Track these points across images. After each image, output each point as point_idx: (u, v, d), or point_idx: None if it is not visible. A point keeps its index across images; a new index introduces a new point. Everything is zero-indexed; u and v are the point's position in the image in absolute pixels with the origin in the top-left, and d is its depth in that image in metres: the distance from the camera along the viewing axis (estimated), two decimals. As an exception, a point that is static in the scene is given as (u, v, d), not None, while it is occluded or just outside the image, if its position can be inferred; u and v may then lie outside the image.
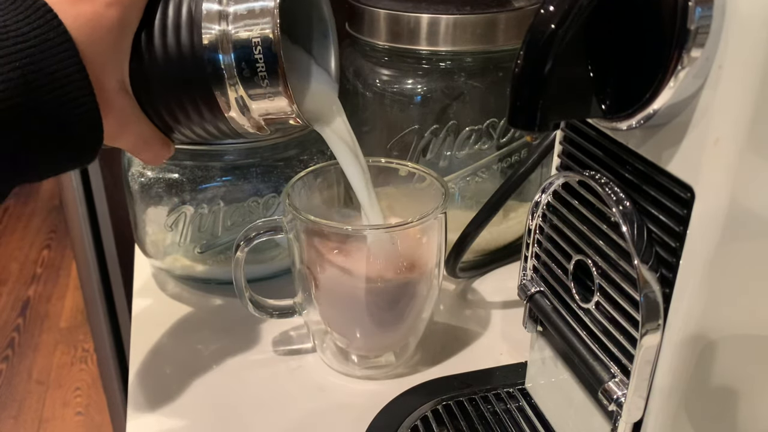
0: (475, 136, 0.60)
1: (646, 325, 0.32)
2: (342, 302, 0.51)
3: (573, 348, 0.39)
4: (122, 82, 0.39)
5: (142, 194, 0.60)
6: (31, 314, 2.00)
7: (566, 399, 0.43)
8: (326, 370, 0.54)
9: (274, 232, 0.50)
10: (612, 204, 0.33)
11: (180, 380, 0.53)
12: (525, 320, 0.45)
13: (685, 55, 0.28)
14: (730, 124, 0.28)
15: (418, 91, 0.60)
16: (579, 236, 0.38)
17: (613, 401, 0.36)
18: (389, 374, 0.53)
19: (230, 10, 0.40)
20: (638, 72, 0.30)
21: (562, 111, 0.32)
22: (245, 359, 0.55)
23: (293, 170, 0.58)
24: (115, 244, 1.06)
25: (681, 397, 0.34)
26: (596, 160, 0.37)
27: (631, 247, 0.32)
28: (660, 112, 0.30)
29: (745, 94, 0.27)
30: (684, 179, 0.30)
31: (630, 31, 0.30)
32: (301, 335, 0.57)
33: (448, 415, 0.47)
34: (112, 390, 1.20)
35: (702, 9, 0.27)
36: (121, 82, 0.39)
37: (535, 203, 0.42)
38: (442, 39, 0.57)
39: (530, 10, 0.58)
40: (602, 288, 0.36)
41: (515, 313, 0.60)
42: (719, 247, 0.30)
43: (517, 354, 0.55)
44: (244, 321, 0.58)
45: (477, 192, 0.62)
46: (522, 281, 0.45)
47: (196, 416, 0.49)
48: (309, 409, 0.50)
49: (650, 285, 0.32)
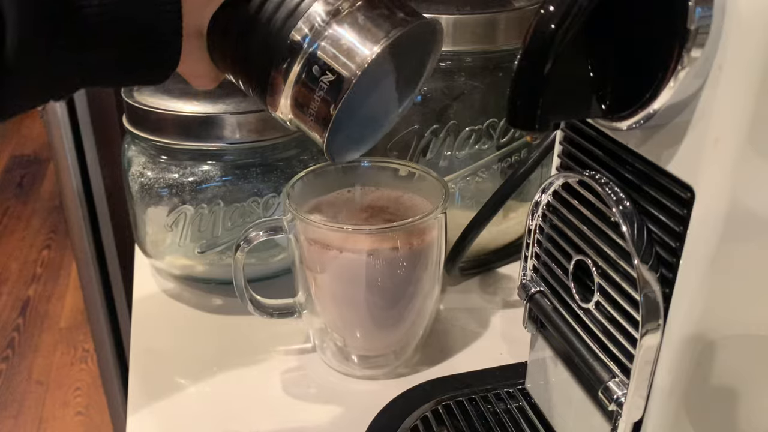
0: (475, 136, 0.60)
1: (646, 325, 0.32)
2: (342, 302, 0.51)
3: (573, 348, 0.39)
4: (200, 26, 0.41)
5: (142, 194, 0.60)
6: (31, 314, 2.00)
7: (566, 399, 0.43)
8: (326, 370, 0.54)
9: (274, 232, 0.50)
10: (612, 204, 0.33)
11: (180, 380, 0.53)
12: (525, 320, 0.45)
13: (685, 55, 0.28)
14: (730, 124, 0.28)
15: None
16: (579, 236, 0.38)
17: (613, 401, 0.36)
18: (389, 374, 0.53)
19: (329, 31, 0.39)
20: (638, 72, 0.30)
21: (563, 111, 0.32)
22: (245, 359, 0.55)
23: (293, 170, 0.58)
24: (115, 244, 1.06)
25: (681, 397, 0.34)
26: (596, 160, 0.37)
27: (631, 247, 0.32)
28: (660, 112, 0.30)
29: (745, 94, 0.27)
30: (684, 179, 0.30)
31: (630, 31, 0.30)
32: (301, 335, 0.57)
33: (448, 415, 0.47)
34: (112, 390, 1.20)
35: (702, 9, 0.27)
36: (200, 25, 0.40)
37: (535, 203, 0.42)
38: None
39: (530, 10, 0.58)
40: (602, 288, 0.36)
41: (515, 313, 0.60)
42: (719, 246, 0.30)
43: (517, 354, 0.54)
44: (244, 321, 0.58)
45: (477, 192, 0.62)
46: (522, 281, 0.45)
47: (195, 416, 0.49)
48: (309, 409, 0.50)
49: (650, 285, 0.32)
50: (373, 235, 0.48)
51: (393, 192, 0.54)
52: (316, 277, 0.50)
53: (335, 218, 0.52)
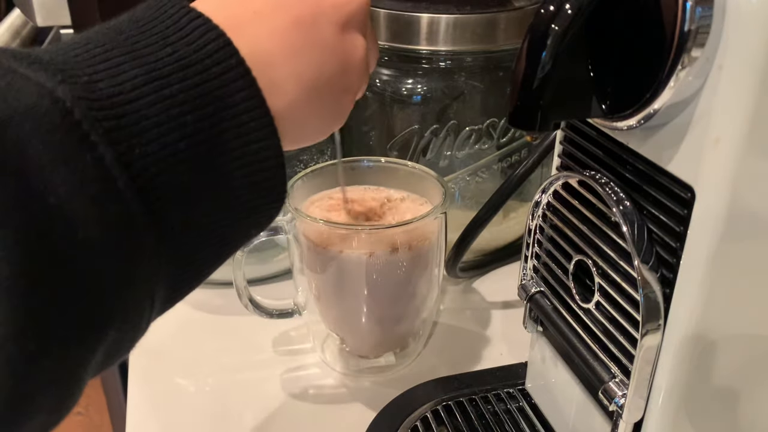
0: (475, 136, 0.60)
1: (647, 326, 0.32)
2: (342, 302, 0.51)
3: (573, 348, 0.39)
4: None
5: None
6: (31, 314, 2.00)
7: (566, 399, 0.43)
8: (326, 370, 0.54)
9: (274, 232, 0.50)
10: (612, 204, 0.33)
11: (180, 380, 0.53)
12: (525, 320, 0.45)
13: (685, 55, 0.28)
14: (730, 124, 0.28)
15: (418, 90, 0.60)
16: (579, 236, 0.38)
17: (614, 401, 0.36)
18: (389, 374, 0.53)
19: None
20: (638, 72, 0.30)
21: (563, 111, 0.32)
22: (245, 359, 0.55)
23: (293, 170, 0.58)
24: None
25: (681, 397, 0.34)
26: (596, 160, 0.37)
27: (632, 247, 0.32)
28: (660, 112, 0.30)
29: (745, 94, 0.27)
30: (684, 179, 0.30)
31: (630, 30, 0.30)
32: (301, 335, 0.57)
33: (448, 415, 0.47)
34: (112, 390, 1.20)
35: (702, 9, 0.27)
36: None
37: (536, 203, 0.42)
38: (442, 39, 0.57)
39: (530, 10, 0.58)
40: (602, 288, 0.36)
41: (515, 313, 0.60)
42: (719, 246, 0.30)
43: (517, 354, 0.54)
44: (244, 321, 0.58)
45: (477, 192, 0.62)
46: (522, 281, 0.45)
47: (195, 416, 0.49)
48: (309, 410, 0.50)
49: (650, 285, 0.32)
50: (373, 235, 0.48)
51: (393, 192, 0.54)
52: (316, 277, 0.50)
53: (335, 218, 0.51)
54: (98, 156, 0.22)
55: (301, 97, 0.30)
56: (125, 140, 0.23)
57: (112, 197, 0.22)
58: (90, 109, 0.22)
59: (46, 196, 0.21)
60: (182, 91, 0.25)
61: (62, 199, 0.21)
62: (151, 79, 0.24)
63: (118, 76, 0.24)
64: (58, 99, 0.22)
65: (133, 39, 0.25)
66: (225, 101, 0.25)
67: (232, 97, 0.26)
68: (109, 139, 0.22)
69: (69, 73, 0.23)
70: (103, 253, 0.22)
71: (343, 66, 0.32)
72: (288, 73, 0.29)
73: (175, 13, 0.26)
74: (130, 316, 0.24)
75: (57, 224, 0.21)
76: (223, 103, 0.25)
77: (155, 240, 0.24)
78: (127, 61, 0.24)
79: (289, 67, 0.29)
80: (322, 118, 0.33)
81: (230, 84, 0.26)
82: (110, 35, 0.25)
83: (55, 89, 0.22)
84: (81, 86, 0.23)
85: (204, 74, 0.25)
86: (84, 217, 0.21)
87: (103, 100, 0.23)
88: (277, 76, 0.28)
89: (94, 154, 0.22)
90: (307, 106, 0.30)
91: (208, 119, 0.25)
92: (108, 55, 0.24)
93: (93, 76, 0.23)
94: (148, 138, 0.23)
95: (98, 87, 0.23)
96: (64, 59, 0.23)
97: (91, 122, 0.22)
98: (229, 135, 0.26)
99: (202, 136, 0.25)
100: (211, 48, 0.26)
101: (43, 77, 0.22)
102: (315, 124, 0.32)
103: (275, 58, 0.29)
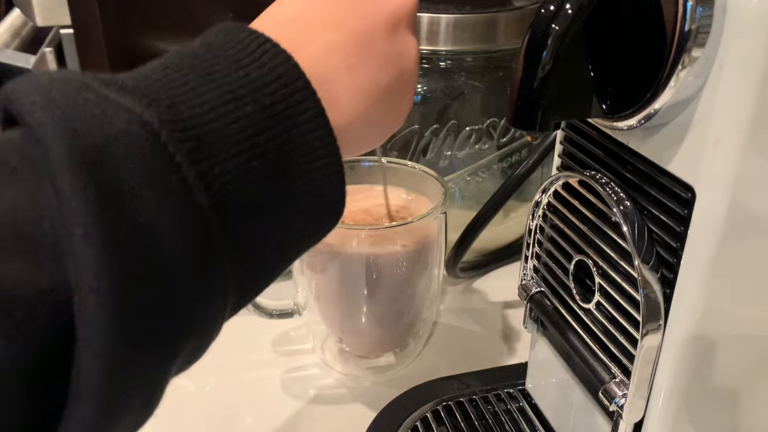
0: (475, 135, 0.60)
1: (647, 326, 0.32)
2: (341, 302, 0.51)
3: (573, 348, 0.39)
4: None
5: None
6: (31, 314, 2.00)
7: (566, 399, 0.43)
8: (326, 371, 0.54)
9: (274, 232, 0.50)
10: (613, 204, 0.33)
11: (179, 380, 0.52)
12: (525, 320, 0.45)
13: (685, 55, 0.27)
14: (730, 124, 0.28)
15: (418, 90, 0.59)
16: (579, 236, 0.38)
17: (614, 401, 0.35)
18: (389, 374, 0.53)
19: None
20: (639, 72, 0.30)
21: (563, 111, 0.32)
22: (245, 359, 0.55)
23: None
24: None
25: (682, 397, 0.34)
26: (597, 160, 0.37)
27: (632, 247, 0.32)
28: (660, 112, 0.30)
29: (745, 94, 0.27)
30: (685, 179, 0.30)
31: (630, 30, 0.30)
32: (301, 335, 0.57)
33: (448, 416, 0.47)
34: (112, 390, 1.20)
35: (702, 9, 0.27)
36: None
37: (536, 203, 0.42)
38: (442, 39, 0.57)
39: (530, 10, 0.58)
40: (603, 288, 0.36)
41: (515, 313, 0.60)
42: (720, 247, 0.30)
43: (517, 354, 0.55)
44: (244, 321, 0.57)
45: (477, 192, 0.62)
46: (522, 281, 0.45)
47: (195, 417, 0.49)
48: (309, 410, 0.50)
49: (651, 285, 0.32)
50: (373, 234, 0.48)
51: (393, 191, 0.54)
52: (316, 277, 0.50)
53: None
54: (182, 177, 0.23)
55: (360, 109, 0.30)
56: (205, 159, 0.24)
57: (194, 215, 0.23)
58: (173, 131, 0.23)
59: (138, 216, 0.22)
60: (256, 112, 0.25)
61: (151, 217, 0.22)
62: (227, 101, 0.25)
63: (197, 99, 0.25)
64: (146, 123, 0.23)
65: (208, 63, 0.26)
66: (293, 121, 0.26)
67: (299, 117, 0.27)
68: (191, 159, 0.23)
69: (153, 98, 0.24)
70: (185, 268, 0.23)
71: (400, 70, 0.32)
72: (346, 87, 0.30)
73: (246, 38, 0.27)
74: (208, 323, 0.27)
75: (146, 241, 0.22)
76: (291, 123, 0.26)
77: (228, 254, 0.25)
78: (204, 84, 0.25)
79: (348, 81, 0.30)
80: (381, 125, 0.33)
81: (297, 105, 0.27)
82: (186, 60, 0.26)
83: (143, 113, 0.23)
84: (164, 109, 0.24)
85: (274, 95, 0.26)
86: (170, 234, 0.22)
87: (184, 121, 0.24)
88: (336, 92, 0.29)
89: (179, 174, 0.23)
90: (367, 116, 0.31)
91: (278, 138, 0.26)
92: (186, 79, 0.25)
93: (174, 99, 0.24)
94: (224, 157, 0.24)
95: (179, 110, 0.24)
96: (146, 84, 0.24)
97: (176, 144, 0.23)
98: (295, 153, 0.27)
99: (272, 155, 0.26)
100: (281, 70, 0.27)
101: (131, 102, 0.23)
102: (375, 131, 0.33)
103: (334, 75, 0.29)
